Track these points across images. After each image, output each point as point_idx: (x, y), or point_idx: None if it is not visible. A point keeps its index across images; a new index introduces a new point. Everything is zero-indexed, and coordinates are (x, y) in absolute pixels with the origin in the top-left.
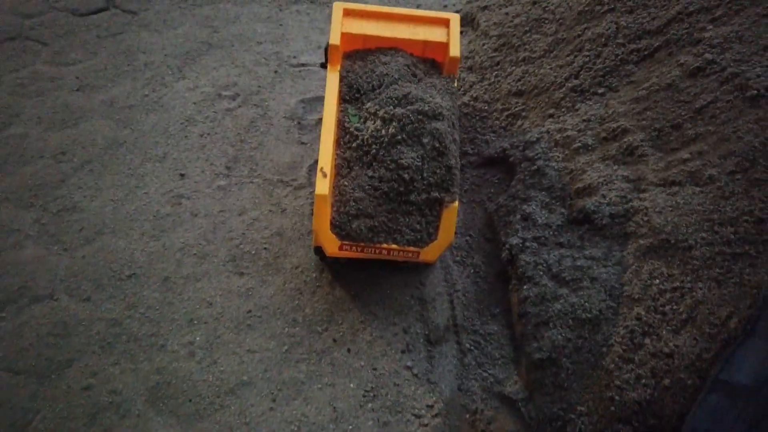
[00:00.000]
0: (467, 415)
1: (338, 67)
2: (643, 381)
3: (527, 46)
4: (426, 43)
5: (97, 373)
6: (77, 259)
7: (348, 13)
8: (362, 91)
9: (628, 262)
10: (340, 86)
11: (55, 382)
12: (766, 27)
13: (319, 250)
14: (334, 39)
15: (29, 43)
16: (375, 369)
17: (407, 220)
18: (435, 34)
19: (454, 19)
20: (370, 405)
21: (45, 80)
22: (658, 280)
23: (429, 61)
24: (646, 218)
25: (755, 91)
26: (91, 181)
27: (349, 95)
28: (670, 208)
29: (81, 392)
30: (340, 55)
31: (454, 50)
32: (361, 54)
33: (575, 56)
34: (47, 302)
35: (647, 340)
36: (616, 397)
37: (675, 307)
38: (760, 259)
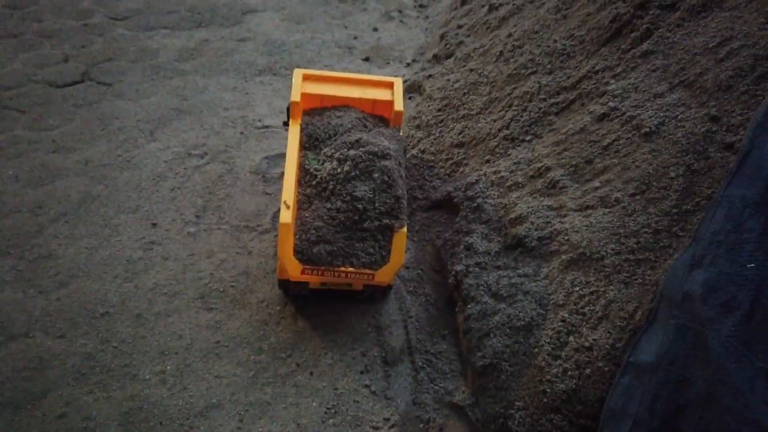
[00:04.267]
0: (421, 425)
1: (299, 121)
2: (569, 373)
3: (466, 106)
4: (375, 102)
5: (71, 402)
6: (52, 301)
7: (307, 78)
8: (320, 140)
9: (553, 275)
10: (301, 136)
11: (30, 411)
12: (655, 79)
13: (282, 284)
14: (295, 96)
15: (8, 111)
16: (336, 389)
17: (362, 245)
18: (382, 94)
19: (398, 81)
20: (331, 420)
21: (23, 143)
22: (578, 287)
23: (378, 117)
24: (566, 238)
25: (648, 129)
26: (67, 231)
27: (309, 143)
28: (585, 228)
29: (56, 420)
30: (300, 110)
31: (398, 105)
32: (318, 111)
33: (506, 111)
34: (23, 340)
35: (571, 338)
36: (548, 390)
37: (592, 307)
38: (658, 262)
